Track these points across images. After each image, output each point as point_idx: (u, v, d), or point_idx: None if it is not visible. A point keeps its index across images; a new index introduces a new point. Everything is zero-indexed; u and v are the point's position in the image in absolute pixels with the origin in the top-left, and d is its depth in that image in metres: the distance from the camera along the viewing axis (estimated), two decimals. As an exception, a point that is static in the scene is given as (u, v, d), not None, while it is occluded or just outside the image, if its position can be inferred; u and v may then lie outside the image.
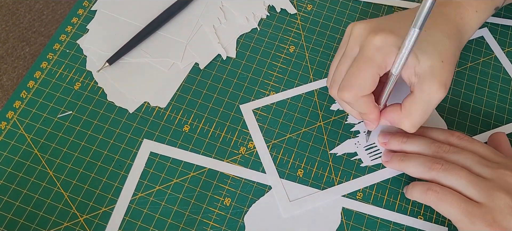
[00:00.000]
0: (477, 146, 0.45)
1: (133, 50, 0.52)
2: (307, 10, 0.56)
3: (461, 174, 0.42)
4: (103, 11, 0.54)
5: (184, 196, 0.46)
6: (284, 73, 0.52)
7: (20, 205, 0.45)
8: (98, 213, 0.45)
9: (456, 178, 0.42)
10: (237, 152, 0.48)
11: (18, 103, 0.49)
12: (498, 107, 0.51)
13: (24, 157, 0.47)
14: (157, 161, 0.47)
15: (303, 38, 0.54)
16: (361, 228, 0.45)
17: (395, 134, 0.47)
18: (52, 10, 1.32)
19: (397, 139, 0.47)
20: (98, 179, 0.46)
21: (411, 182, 0.45)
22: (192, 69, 0.52)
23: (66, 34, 0.53)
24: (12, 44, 1.27)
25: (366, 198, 0.46)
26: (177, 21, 0.54)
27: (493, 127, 0.50)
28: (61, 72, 0.51)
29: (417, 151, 0.46)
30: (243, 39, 0.54)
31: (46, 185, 0.46)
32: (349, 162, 0.48)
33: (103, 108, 0.49)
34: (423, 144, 0.46)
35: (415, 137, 0.46)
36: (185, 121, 0.49)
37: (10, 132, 0.48)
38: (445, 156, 0.44)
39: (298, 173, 0.47)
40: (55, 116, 0.49)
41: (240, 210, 0.45)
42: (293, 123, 0.49)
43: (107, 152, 0.47)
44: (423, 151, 0.45)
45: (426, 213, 0.46)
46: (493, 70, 0.53)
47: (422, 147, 0.45)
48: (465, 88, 0.52)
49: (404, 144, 0.46)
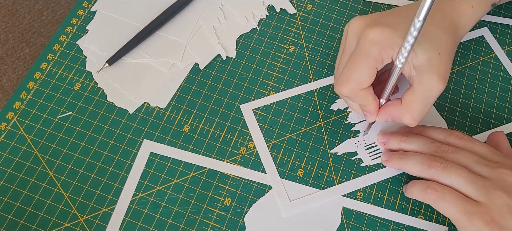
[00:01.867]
0: (476, 145, 0.45)
1: (133, 51, 0.52)
2: (306, 10, 0.56)
3: (460, 172, 0.42)
4: (102, 11, 0.54)
5: (185, 196, 0.46)
6: (284, 73, 0.52)
7: (21, 206, 0.45)
8: (99, 214, 0.45)
9: (455, 176, 0.42)
10: (237, 152, 0.48)
11: (18, 104, 0.49)
12: (498, 107, 0.51)
13: (24, 158, 0.47)
14: (157, 161, 0.47)
15: (302, 38, 0.54)
16: (362, 227, 0.45)
17: (394, 133, 0.47)
18: (51, 11, 1.32)
19: (396, 138, 0.47)
20: (98, 180, 0.46)
21: (411, 181, 0.45)
22: (192, 69, 0.52)
23: (65, 35, 0.53)
24: (12, 45, 1.27)
25: (366, 198, 0.46)
26: (176, 22, 0.54)
27: (493, 126, 0.50)
28: (61, 73, 0.51)
29: (416, 149, 0.46)
30: (242, 39, 0.54)
31: (46, 186, 0.46)
32: (349, 161, 0.48)
33: (103, 109, 0.49)
34: (422, 143, 0.46)
35: (414, 136, 0.46)
36: (185, 121, 0.49)
37: (10, 133, 0.48)
38: (444, 155, 0.44)
39: (298, 172, 0.47)
40: (55, 117, 0.49)
41: (241, 210, 0.45)
42: (293, 123, 0.49)
43: (107, 152, 0.47)
44: (422, 149, 0.45)
45: (426, 213, 0.46)
46: (493, 70, 0.53)
47: (421, 146, 0.45)
48: (465, 88, 0.52)
49: (403, 143, 0.46)
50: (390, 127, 0.49)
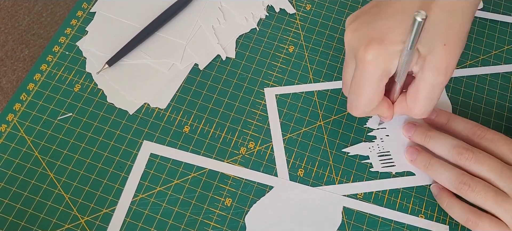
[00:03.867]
0: (500, 145, 0.44)
1: (133, 52, 0.52)
2: (306, 10, 0.56)
3: (486, 194, 0.43)
4: (102, 12, 0.54)
5: (185, 197, 0.46)
6: (283, 73, 0.52)
7: (21, 208, 0.45)
8: (99, 215, 0.45)
9: (480, 197, 0.43)
10: (237, 152, 0.48)
11: (18, 106, 0.49)
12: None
13: (25, 160, 0.47)
14: (158, 162, 0.47)
15: (302, 38, 0.54)
16: (362, 227, 0.45)
17: (419, 127, 0.47)
18: (51, 12, 1.32)
19: (421, 133, 0.47)
20: (98, 181, 0.46)
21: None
22: (191, 70, 0.52)
23: (65, 36, 0.53)
24: (12, 46, 1.27)
25: (367, 197, 0.46)
26: (176, 22, 0.54)
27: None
28: (60, 74, 0.51)
29: (439, 153, 0.46)
30: (242, 40, 0.54)
31: (47, 187, 0.46)
32: (352, 161, 0.48)
33: (103, 110, 0.49)
34: (446, 147, 0.45)
35: (438, 136, 0.46)
36: (185, 121, 0.49)
37: (10, 135, 0.48)
38: (467, 166, 0.44)
39: (298, 172, 0.47)
40: (55, 118, 0.49)
41: (241, 210, 0.45)
42: (293, 122, 0.49)
43: (108, 153, 0.47)
44: (445, 155, 0.45)
45: (427, 212, 0.46)
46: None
47: (444, 151, 0.45)
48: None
49: (427, 144, 0.46)
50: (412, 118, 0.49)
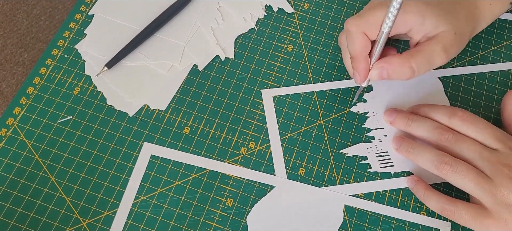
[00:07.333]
0: (479, 127, 0.44)
1: (132, 54, 0.52)
2: (304, 9, 0.56)
3: (469, 175, 0.43)
4: (100, 15, 0.54)
5: (186, 198, 0.46)
6: (283, 72, 0.52)
7: (23, 211, 0.45)
8: (101, 217, 0.45)
9: (462, 178, 0.43)
10: (238, 153, 0.48)
11: (18, 109, 0.49)
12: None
13: (25, 163, 0.47)
14: (158, 163, 0.47)
15: (301, 37, 0.54)
16: (364, 225, 0.45)
17: (401, 112, 0.48)
18: (49, 15, 1.32)
19: (403, 118, 0.47)
20: (99, 183, 0.46)
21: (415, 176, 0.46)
22: (191, 71, 0.52)
23: (64, 40, 0.53)
24: (11, 50, 1.27)
25: (368, 196, 0.46)
26: (174, 23, 0.54)
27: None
28: (60, 77, 0.51)
29: (421, 135, 0.46)
30: (241, 40, 0.54)
31: (48, 191, 0.46)
32: (352, 160, 0.48)
33: (103, 112, 0.49)
34: (426, 129, 0.46)
35: (420, 119, 0.47)
36: (185, 122, 0.49)
37: (11, 139, 0.48)
38: (449, 147, 0.44)
39: (299, 171, 0.47)
40: (55, 121, 0.49)
41: (243, 210, 0.45)
42: (293, 122, 0.49)
43: (108, 156, 0.47)
44: (426, 136, 0.46)
45: (428, 209, 0.46)
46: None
47: (425, 132, 0.46)
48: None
49: (409, 127, 0.47)
50: (396, 105, 0.50)
